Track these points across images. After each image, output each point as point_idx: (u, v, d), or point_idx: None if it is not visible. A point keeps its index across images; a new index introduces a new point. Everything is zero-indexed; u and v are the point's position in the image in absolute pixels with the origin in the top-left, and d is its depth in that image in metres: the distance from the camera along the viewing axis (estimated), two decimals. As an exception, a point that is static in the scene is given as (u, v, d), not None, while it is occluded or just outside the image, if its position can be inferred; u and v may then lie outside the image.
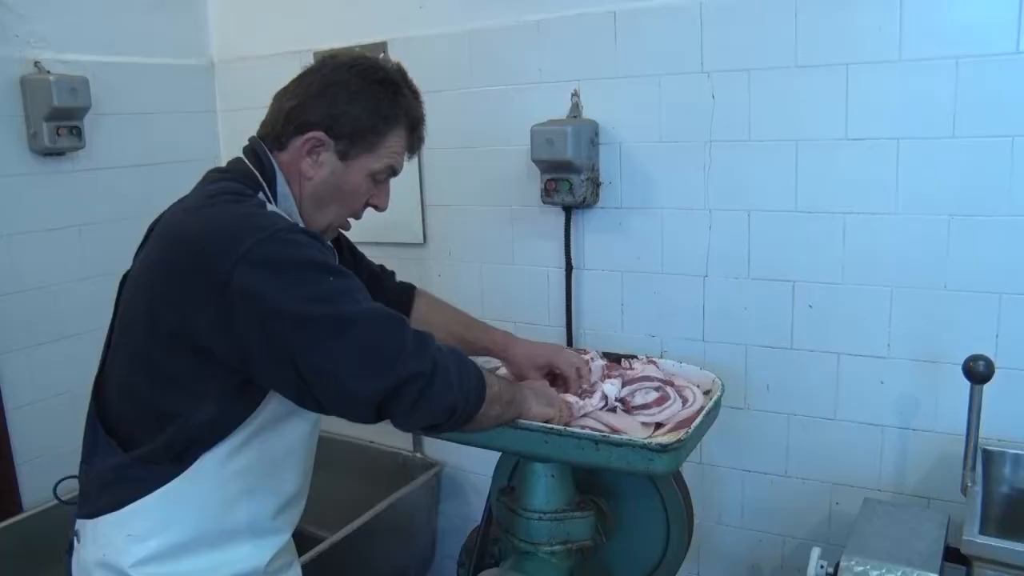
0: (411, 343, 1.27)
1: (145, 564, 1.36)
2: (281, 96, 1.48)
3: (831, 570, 1.72)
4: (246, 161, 1.45)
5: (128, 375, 1.38)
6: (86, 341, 1.44)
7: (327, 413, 1.32)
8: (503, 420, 1.50)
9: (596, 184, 2.35)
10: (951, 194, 1.94)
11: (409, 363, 1.26)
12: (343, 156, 1.44)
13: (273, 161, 1.44)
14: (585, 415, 1.59)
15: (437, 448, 2.83)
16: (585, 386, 1.70)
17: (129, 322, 1.38)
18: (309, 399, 1.28)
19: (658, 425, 1.58)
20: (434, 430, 1.37)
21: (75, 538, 1.46)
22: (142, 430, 1.37)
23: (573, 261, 2.43)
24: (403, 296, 1.82)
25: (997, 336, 1.94)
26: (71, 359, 2.59)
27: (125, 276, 1.45)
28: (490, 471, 1.96)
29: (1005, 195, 1.88)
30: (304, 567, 1.66)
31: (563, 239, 2.42)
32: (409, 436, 2.83)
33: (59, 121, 2.49)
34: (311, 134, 1.42)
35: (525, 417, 1.52)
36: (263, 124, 1.49)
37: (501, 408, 1.46)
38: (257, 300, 1.22)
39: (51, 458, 2.53)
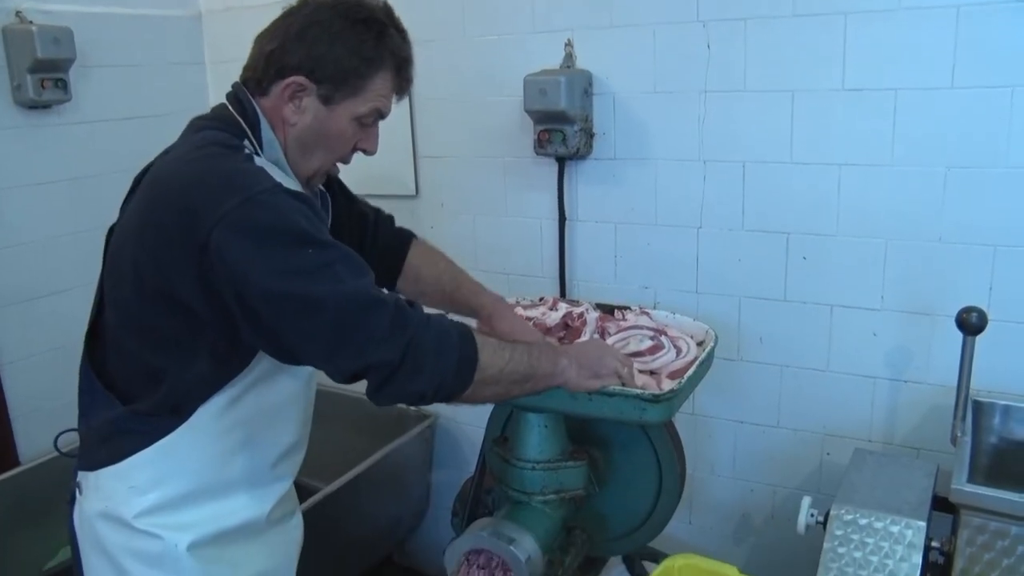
0: (385, 329, 1.24)
1: (147, 515, 1.37)
2: (261, 38, 1.42)
3: (821, 519, 1.74)
4: (229, 108, 1.41)
5: (119, 332, 1.38)
6: (79, 295, 1.43)
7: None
8: (513, 395, 1.46)
9: (589, 135, 2.33)
10: (948, 146, 1.92)
11: (378, 351, 1.24)
12: (326, 101, 1.39)
13: (256, 107, 1.39)
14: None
15: (431, 400, 2.84)
16: None
17: (117, 279, 1.36)
18: (290, 360, 1.29)
19: (652, 373, 1.59)
20: (413, 404, 1.36)
21: (77, 489, 1.46)
22: (137, 384, 1.37)
23: (566, 212, 2.42)
24: (398, 245, 1.77)
25: (991, 289, 1.94)
26: (64, 314, 2.58)
27: (112, 229, 1.43)
28: (484, 422, 1.97)
29: (1003, 147, 1.86)
30: (297, 517, 1.67)
31: (556, 190, 2.41)
32: (403, 388, 2.84)
33: (43, 73, 2.44)
34: (292, 79, 1.36)
35: (563, 384, 1.48)
36: (245, 68, 1.44)
37: (504, 388, 1.41)
38: (233, 269, 1.20)
39: (47, 412, 2.54)
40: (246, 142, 1.36)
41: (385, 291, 1.29)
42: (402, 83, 1.46)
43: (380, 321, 1.24)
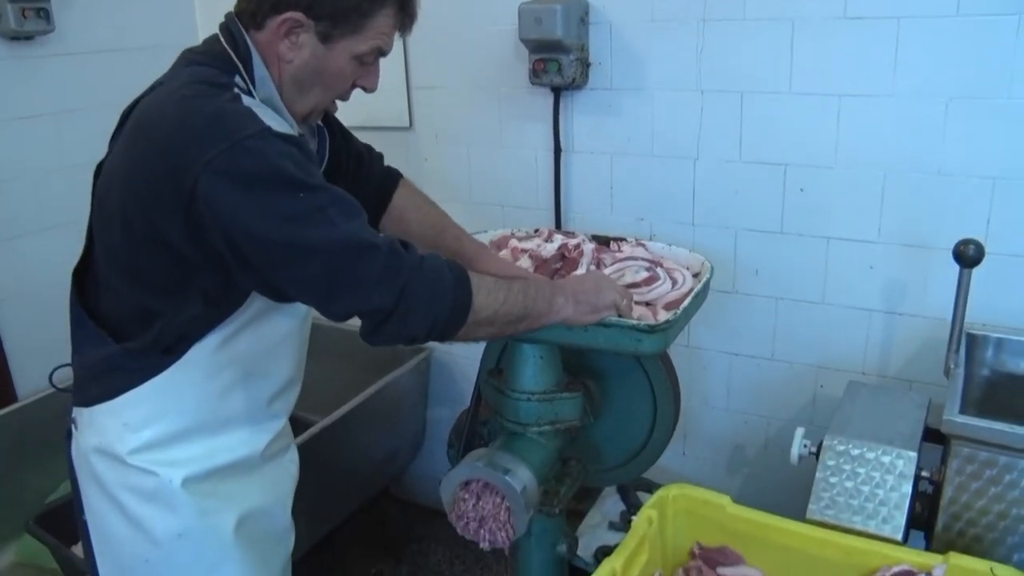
0: (378, 274, 1.23)
1: (141, 452, 1.37)
2: None
3: (814, 449, 1.76)
4: (222, 40, 1.35)
5: (109, 272, 1.36)
6: (69, 232, 1.41)
7: None
8: (507, 334, 1.46)
9: (586, 65, 2.29)
10: (951, 76, 1.89)
11: (371, 297, 1.23)
12: (324, 38, 1.33)
13: (249, 42, 1.34)
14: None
15: (426, 333, 2.84)
16: None
17: (105, 221, 1.34)
18: (284, 301, 1.30)
19: (648, 305, 1.58)
20: (405, 345, 1.35)
21: (72, 425, 1.46)
22: (129, 324, 1.36)
23: (562, 143, 2.39)
24: (385, 184, 1.73)
25: (988, 222, 1.93)
26: (55, 250, 2.56)
27: (100, 165, 1.40)
28: (479, 356, 1.97)
29: (1007, 77, 1.84)
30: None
31: (552, 121, 2.37)
32: (398, 322, 2.84)
33: (24, 2, 2.37)
34: (288, 14, 1.31)
35: (560, 321, 1.48)
36: None
37: (498, 328, 1.41)
38: (222, 216, 1.18)
39: (43, 349, 2.52)
40: (237, 78, 1.32)
41: (379, 233, 1.27)
42: (406, 19, 1.41)
43: (373, 266, 1.22)
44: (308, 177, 1.22)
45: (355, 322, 1.29)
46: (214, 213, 1.18)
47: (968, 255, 1.69)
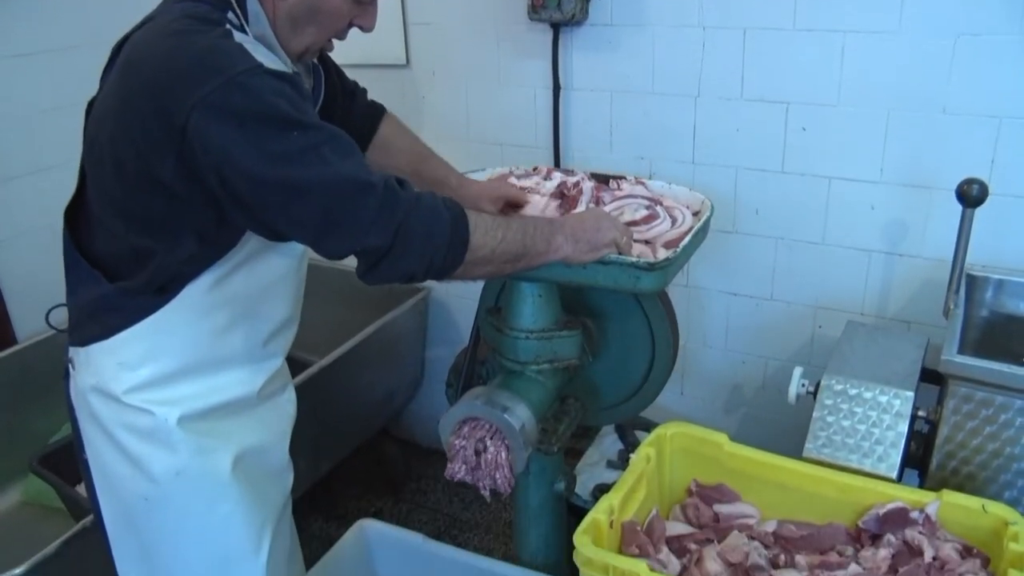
0: (373, 212, 1.21)
1: (137, 391, 1.37)
2: None
3: (812, 389, 1.77)
4: None
5: (101, 212, 1.34)
6: (64, 172, 1.39)
7: None
8: (506, 273, 1.44)
9: (585, -1, 2.24)
10: (959, 12, 1.85)
11: (367, 236, 1.21)
12: None
13: None
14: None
15: (424, 273, 2.83)
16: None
17: (97, 160, 1.31)
18: (279, 240, 1.28)
19: (647, 243, 1.57)
20: (402, 283, 1.35)
21: (70, 364, 1.46)
22: (123, 263, 1.35)
23: (561, 81, 2.35)
24: (369, 118, 1.71)
25: (993, 162, 1.91)
26: (49, 191, 2.53)
27: (91, 103, 1.37)
28: (478, 295, 1.96)
29: (1016, 13, 1.79)
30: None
31: (551, 58, 2.33)
32: (395, 262, 2.83)
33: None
34: None
35: (559, 260, 1.46)
36: None
37: (496, 267, 1.39)
38: (214, 154, 1.16)
39: (41, 291, 2.50)
40: (230, 14, 1.28)
41: (375, 171, 1.25)
42: None
43: (368, 204, 1.21)
44: (302, 115, 1.20)
45: (352, 262, 1.28)
46: (206, 151, 1.16)
47: (971, 195, 1.68)
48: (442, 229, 1.28)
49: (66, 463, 1.57)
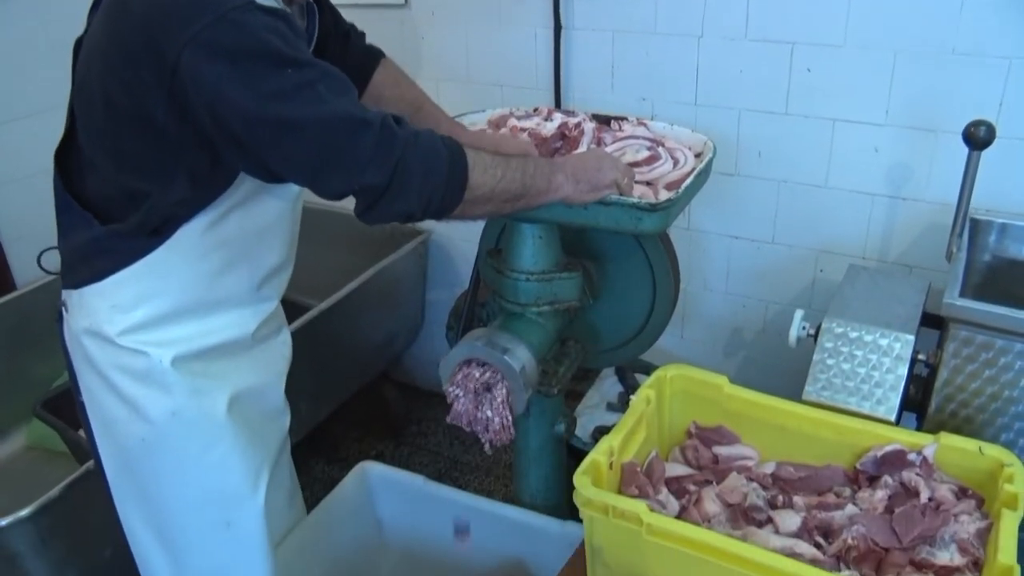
0: (370, 150, 1.19)
1: (131, 332, 1.37)
2: None
3: (812, 331, 1.76)
4: None
5: (92, 153, 1.32)
6: (55, 117, 1.37)
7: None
8: (505, 212, 1.43)
9: (588, -65, 2.19)
10: (972, -53, 1.81)
11: (364, 174, 1.20)
12: None
13: None
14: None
15: (424, 216, 2.82)
16: None
17: (86, 101, 1.29)
18: (275, 181, 1.25)
19: (648, 184, 1.56)
20: (400, 223, 1.33)
21: (63, 307, 1.45)
22: (115, 206, 1.33)
23: (562, 20, 2.31)
24: (366, 62, 1.68)
25: (1001, 104, 1.88)
26: (41, 136, 2.49)
27: (79, 41, 1.34)
28: (478, 238, 1.95)
29: (1029, -50, 1.76)
30: (293, 335, 1.68)
31: (552, -3, 2.29)
32: (395, 205, 2.81)
33: None
34: None
35: (560, 200, 1.45)
36: None
37: (495, 206, 1.38)
38: (207, 93, 1.13)
39: (37, 236, 2.50)
40: None
41: (371, 109, 1.23)
42: None
43: (365, 142, 1.19)
44: (296, 52, 1.18)
45: (350, 204, 1.27)
46: (199, 90, 1.14)
47: (978, 137, 1.66)
48: (440, 167, 1.26)
49: (69, 407, 1.58)
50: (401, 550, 2.15)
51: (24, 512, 1.75)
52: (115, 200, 1.33)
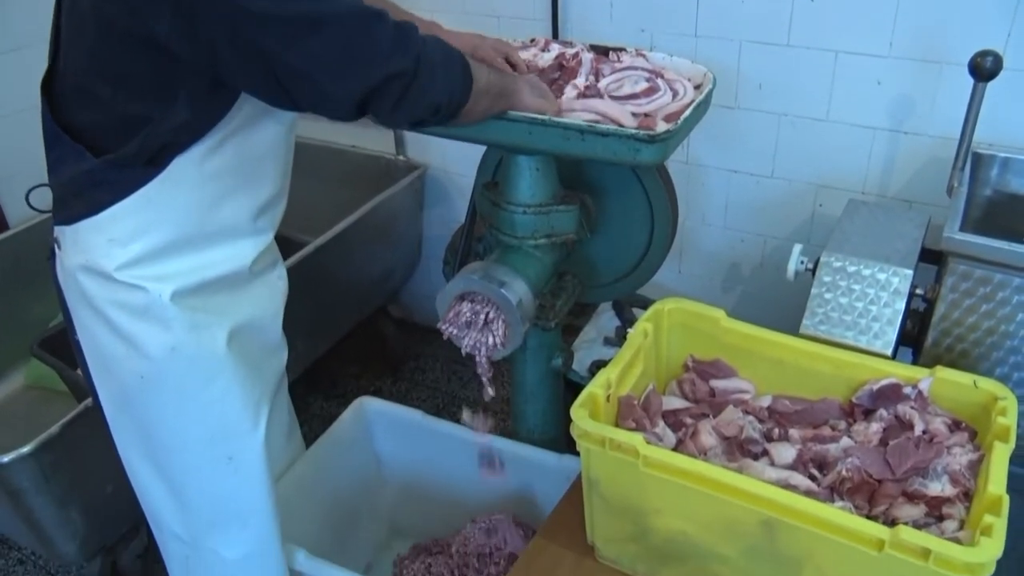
0: (391, 40, 1.18)
1: (128, 267, 1.35)
2: None
3: (811, 266, 1.76)
4: None
5: (86, 79, 1.27)
6: (41, 50, 1.33)
7: (305, 112, 1.26)
8: (492, 112, 1.43)
9: None
10: None
11: (391, 62, 1.17)
12: None
13: None
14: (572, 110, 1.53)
15: (421, 150, 2.79)
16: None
17: (78, 21, 1.24)
18: (284, 100, 1.21)
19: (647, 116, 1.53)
20: (419, 126, 1.32)
21: (56, 244, 1.42)
22: (110, 135, 1.29)
23: (559, -53, 2.26)
24: None
25: (1009, 35, 1.84)
26: (26, 70, 2.44)
27: None
28: (474, 172, 1.93)
29: None
30: (290, 271, 1.66)
31: (549, -77, 2.23)
32: (391, 139, 2.79)
33: None
34: None
35: (517, 108, 1.46)
36: None
37: (490, 101, 1.39)
38: (221, 2, 1.10)
39: (28, 175, 2.48)
40: None
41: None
42: None
43: (385, 32, 1.18)
44: None
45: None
46: (212, 1, 1.10)
47: (984, 68, 1.63)
48: (452, 55, 1.27)
49: (66, 346, 1.57)
50: (400, 484, 2.17)
51: (25, 449, 1.76)
52: (109, 129, 1.29)
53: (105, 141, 1.29)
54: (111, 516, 2.05)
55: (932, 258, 1.73)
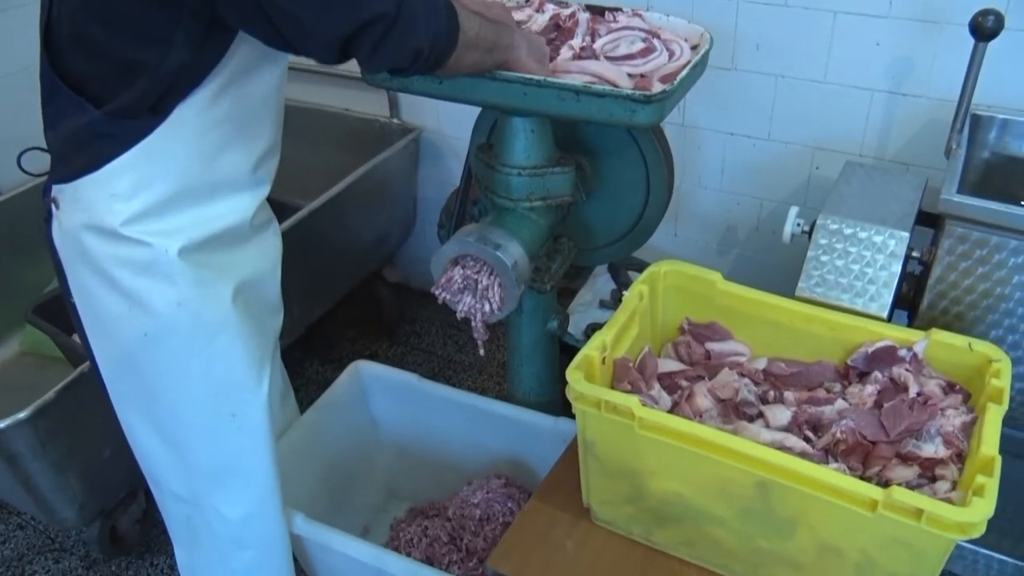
0: None
1: (134, 222, 1.33)
2: None
3: (807, 228, 1.75)
4: None
5: (83, 27, 1.26)
6: (29, 12, 1.31)
7: (295, 53, 1.24)
8: (484, 67, 1.42)
9: None
10: None
11: (372, 4, 1.16)
12: None
13: None
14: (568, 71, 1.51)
15: (415, 113, 2.77)
16: None
17: None
18: (276, 38, 1.20)
19: (643, 76, 1.52)
20: (402, 72, 1.30)
21: (52, 205, 1.40)
22: (110, 84, 1.27)
23: (556, -93, 2.22)
24: None
25: (1013, -6, 1.83)
26: (16, 33, 2.42)
27: None
28: (469, 135, 1.92)
29: None
30: (285, 235, 1.66)
31: None
32: (386, 102, 2.76)
33: None
34: None
35: (512, 68, 1.44)
36: None
37: (480, 55, 1.37)
38: None
39: (15, 138, 2.46)
40: None
41: None
42: None
43: None
44: None
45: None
46: None
47: (986, 27, 1.61)
48: (438, 4, 1.26)
49: (61, 312, 1.57)
50: (396, 448, 2.18)
51: (22, 415, 1.76)
52: (109, 77, 1.28)
53: (105, 91, 1.28)
54: (109, 481, 2.06)
55: (929, 221, 1.73)
